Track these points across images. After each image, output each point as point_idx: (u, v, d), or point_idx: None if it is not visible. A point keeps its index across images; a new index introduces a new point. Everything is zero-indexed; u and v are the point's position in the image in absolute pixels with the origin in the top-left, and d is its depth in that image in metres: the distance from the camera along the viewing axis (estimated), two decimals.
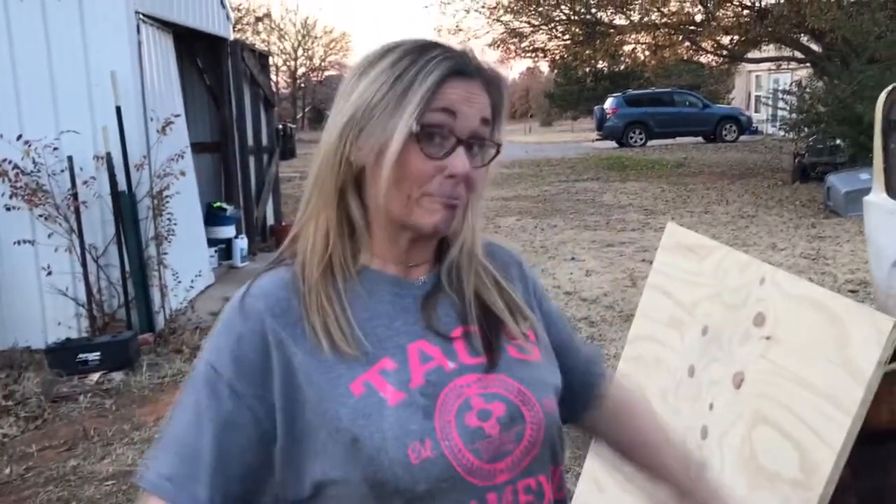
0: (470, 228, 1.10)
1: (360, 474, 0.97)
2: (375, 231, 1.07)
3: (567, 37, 21.84)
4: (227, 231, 8.59)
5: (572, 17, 20.71)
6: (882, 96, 3.36)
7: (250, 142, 9.48)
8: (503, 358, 1.08)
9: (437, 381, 1.02)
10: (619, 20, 20.42)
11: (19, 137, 5.73)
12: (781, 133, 17.06)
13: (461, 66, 1.01)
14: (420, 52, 1.01)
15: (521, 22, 21.52)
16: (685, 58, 23.00)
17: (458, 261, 1.11)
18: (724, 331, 2.10)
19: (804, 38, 17.83)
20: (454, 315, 1.09)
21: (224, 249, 8.59)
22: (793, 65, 21.07)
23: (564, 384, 1.16)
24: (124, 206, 5.93)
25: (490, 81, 1.05)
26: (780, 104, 16.28)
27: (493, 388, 1.05)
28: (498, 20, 21.40)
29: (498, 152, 1.07)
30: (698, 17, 19.42)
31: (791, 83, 19.73)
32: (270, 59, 12.58)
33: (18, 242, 5.79)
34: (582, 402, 1.27)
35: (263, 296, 1.04)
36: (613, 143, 25.54)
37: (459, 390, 1.03)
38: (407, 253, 1.08)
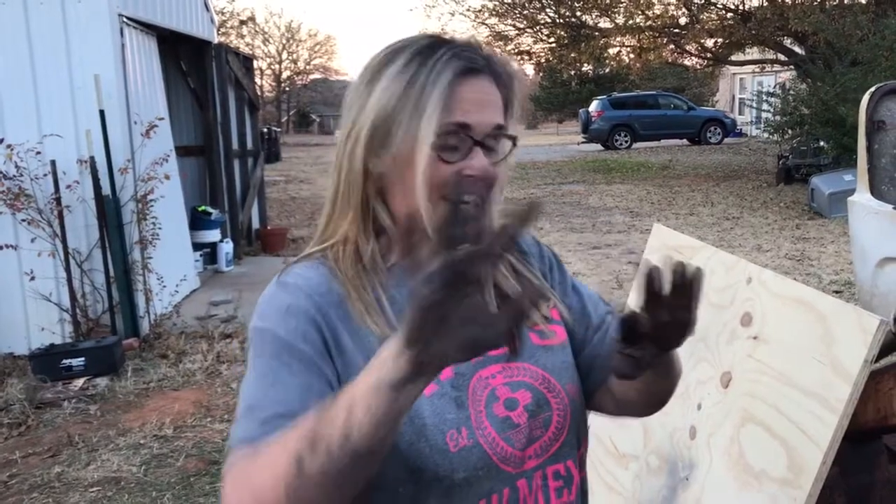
0: (490, 223, 1.08)
1: (399, 460, 0.97)
2: (402, 232, 1.07)
3: (552, 40, 21.93)
4: (213, 235, 8.55)
5: (557, 20, 20.80)
6: (865, 97, 3.38)
7: (235, 145, 9.44)
8: (525, 346, 1.08)
9: (464, 372, 1.04)
10: (604, 23, 20.52)
11: (1, 141, 5.68)
12: (765, 135, 17.17)
13: (472, 63, 1.00)
14: (428, 53, 1.00)
15: (506, 25, 21.61)
16: (669, 60, 23.15)
17: None
18: (711, 331, 2.10)
19: (787, 41, 17.97)
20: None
21: (209, 253, 8.55)
22: (776, 67, 21.25)
23: (593, 351, 1.16)
24: (108, 211, 5.89)
25: (499, 73, 1.04)
26: (764, 106, 16.38)
27: (518, 376, 1.07)
28: (483, 23, 21.47)
29: (514, 145, 1.06)
30: (682, 20, 19.55)
31: (775, 85, 19.89)
32: (255, 62, 12.56)
33: (1, 247, 5.74)
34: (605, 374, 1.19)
35: (303, 278, 1.04)
36: (599, 146, 25.61)
37: (485, 381, 1.05)
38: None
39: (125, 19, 6.20)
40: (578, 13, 20.48)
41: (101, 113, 5.81)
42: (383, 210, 1.05)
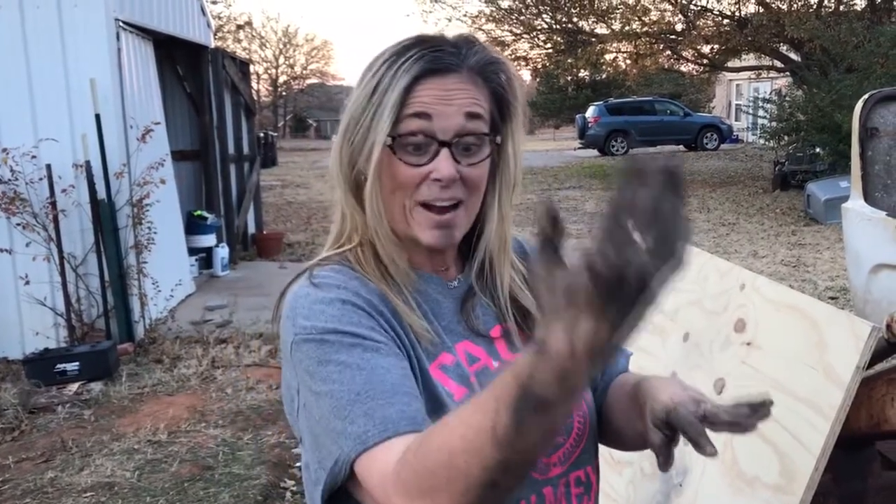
0: (494, 229, 1.07)
1: None
2: (401, 239, 1.04)
3: (549, 46, 21.97)
4: (208, 240, 8.54)
5: (554, 27, 20.84)
6: (858, 105, 3.39)
7: (231, 150, 9.44)
8: None
9: (485, 381, 1.01)
10: (601, 29, 20.57)
11: None
12: (762, 141, 17.21)
13: (435, 64, 0.97)
14: (397, 55, 0.98)
15: (503, 31, 21.64)
16: (666, 67, 23.20)
17: (488, 261, 1.09)
18: (705, 337, 2.11)
19: (784, 48, 18.03)
20: (491, 315, 1.09)
21: (205, 258, 8.53)
22: (772, 74, 21.30)
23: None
24: (104, 215, 5.88)
25: (481, 71, 1.00)
26: (761, 113, 16.42)
27: None
28: (480, 29, 21.46)
29: (496, 144, 1.02)
30: (679, 27, 19.60)
31: (771, 92, 19.96)
32: (251, 67, 12.56)
33: None
34: (605, 384, 1.20)
35: (335, 279, 0.99)
36: (595, 152, 25.65)
37: None
38: (430, 259, 1.07)
39: (121, 23, 6.20)
40: (575, 19, 20.52)
41: (97, 117, 5.81)
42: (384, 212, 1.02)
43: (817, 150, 13.95)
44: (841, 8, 16.74)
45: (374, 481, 0.84)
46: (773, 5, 17.18)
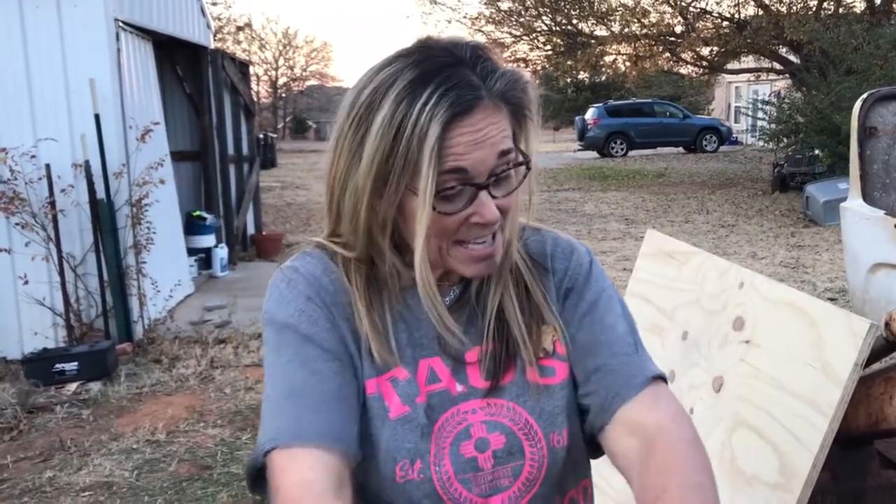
0: (503, 242, 1.01)
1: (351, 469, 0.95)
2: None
3: (548, 47, 21.99)
4: (207, 240, 8.54)
5: (553, 28, 20.85)
6: (857, 104, 3.40)
7: (231, 151, 9.43)
8: (518, 382, 1.01)
9: (437, 404, 0.99)
10: (600, 31, 20.60)
11: None
12: (761, 143, 17.21)
13: (462, 106, 0.89)
14: (415, 95, 0.89)
15: (502, 32, 21.66)
16: (665, 69, 23.20)
17: (481, 279, 1.04)
18: (703, 335, 2.11)
19: (783, 50, 18.04)
20: (475, 331, 1.03)
21: (204, 259, 8.53)
22: (772, 76, 21.33)
23: (588, 391, 1.03)
24: (103, 215, 5.88)
25: (505, 93, 0.93)
26: (760, 115, 16.43)
27: (499, 416, 1.00)
28: (479, 31, 21.49)
29: (528, 168, 0.98)
30: (678, 29, 19.61)
31: (770, 94, 19.99)
32: (251, 68, 12.56)
33: None
34: (599, 421, 1.03)
35: (312, 266, 1.03)
36: (595, 154, 25.66)
37: (462, 416, 0.99)
38: (443, 272, 1.03)
39: (121, 24, 6.20)
40: (574, 21, 20.54)
41: (97, 117, 5.81)
42: (390, 244, 0.99)
43: (816, 152, 13.96)
44: (840, 10, 16.75)
45: (275, 483, 0.89)
46: (773, 7, 17.20)
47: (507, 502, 0.99)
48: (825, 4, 16.79)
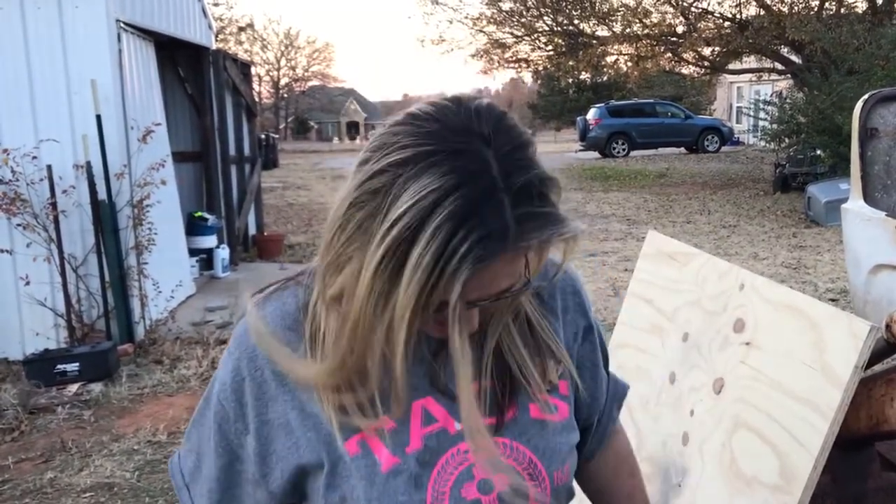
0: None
1: None
2: None
3: (550, 48, 21.98)
4: (209, 241, 8.54)
5: (555, 28, 20.84)
6: (858, 105, 3.39)
7: (232, 151, 9.44)
8: (520, 420, 0.99)
9: (436, 446, 0.95)
10: (602, 31, 20.58)
11: None
12: (762, 143, 17.20)
13: (488, 259, 0.80)
14: (449, 232, 0.78)
15: (504, 33, 21.66)
16: (667, 69, 23.19)
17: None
18: (704, 337, 2.10)
19: (784, 50, 18.03)
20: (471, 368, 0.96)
21: (205, 259, 8.54)
22: (773, 76, 21.30)
23: (583, 428, 1.14)
24: (104, 216, 5.89)
25: (535, 242, 0.83)
26: (761, 115, 16.42)
27: (502, 456, 0.97)
28: (481, 31, 21.52)
29: (526, 288, 0.90)
30: (680, 29, 19.59)
31: (772, 94, 19.94)
32: (253, 68, 12.56)
33: None
34: (594, 447, 1.22)
35: (244, 352, 0.98)
36: (596, 154, 25.65)
37: (463, 456, 0.95)
38: None
39: (123, 25, 6.21)
40: (576, 21, 20.53)
41: (98, 118, 5.81)
42: None
43: (818, 152, 13.95)
44: (842, 10, 16.73)
45: None
46: (774, 7, 17.18)
47: None
48: (827, 4, 16.77)
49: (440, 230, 0.78)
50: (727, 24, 18.47)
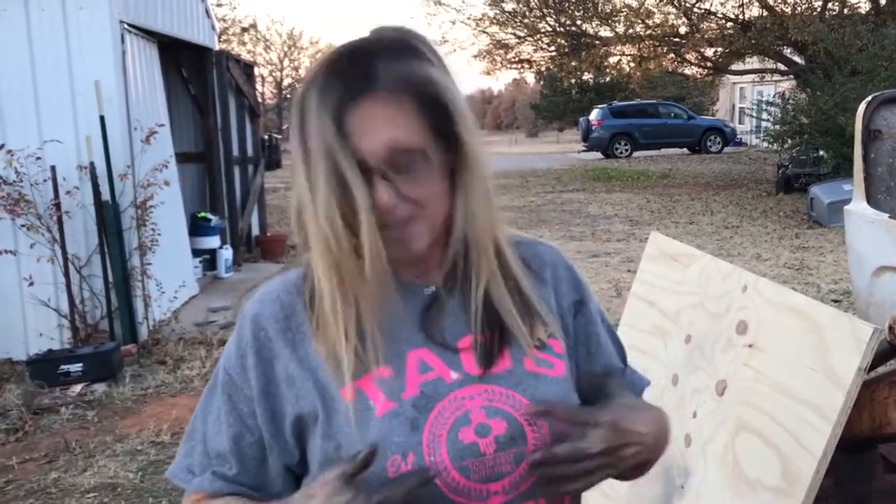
0: (461, 231, 1.01)
1: None
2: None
3: (552, 48, 21.98)
4: (212, 241, 8.55)
5: (558, 29, 20.85)
6: (862, 107, 3.39)
7: (235, 152, 9.45)
8: (515, 370, 1.02)
9: (432, 392, 0.98)
10: (605, 32, 20.59)
11: (1, 147, 5.68)
12: (765, 144, 17.18)
13: (345, 95, 0.92)
14: (305, 97, 0.95)
15: (506, 33, 21.67)
16: (670, 70, 23.20)
17: (465, 264, 1.04)
18: (707, 339, 2.11)
19: (787, 51, 18.02)
20: (463, 322, 1.04)
21: (209, 260, 8.54)
22: (776, 77, 21.27)
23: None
24: (108, 216, 5.90)
25: (400, 80, 0.94)
26: (764, 116, 16.40)
27: (498, 402, 1.00)
28: (484, 31, 21.53)
29: (427, 159, 0.95)
30: (682, 30, 19.59)
31: (774, 95, 19.94)
32: (256, 69, 12.57)
33: (0, 253, 5.73)
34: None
35: (268, 300, 1.06)
36: (599, 155, 25.65)
37: (460, 402, 0.99)
38: (410, 262, 1.03)
39: (126, 26, 6.22)
40: (579, 22, 20.54)
41: (102, 119, 5.82)
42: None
43: (821, 153, 13.92)
44: (845, 11, 16.72)
45: None
46: (777, 8, 17.17)
47: (507, 488, 0.98)
48: (830, 5, 16.75)
49: (306, 98, 0.94)
50: (730, 24, 18.46)
